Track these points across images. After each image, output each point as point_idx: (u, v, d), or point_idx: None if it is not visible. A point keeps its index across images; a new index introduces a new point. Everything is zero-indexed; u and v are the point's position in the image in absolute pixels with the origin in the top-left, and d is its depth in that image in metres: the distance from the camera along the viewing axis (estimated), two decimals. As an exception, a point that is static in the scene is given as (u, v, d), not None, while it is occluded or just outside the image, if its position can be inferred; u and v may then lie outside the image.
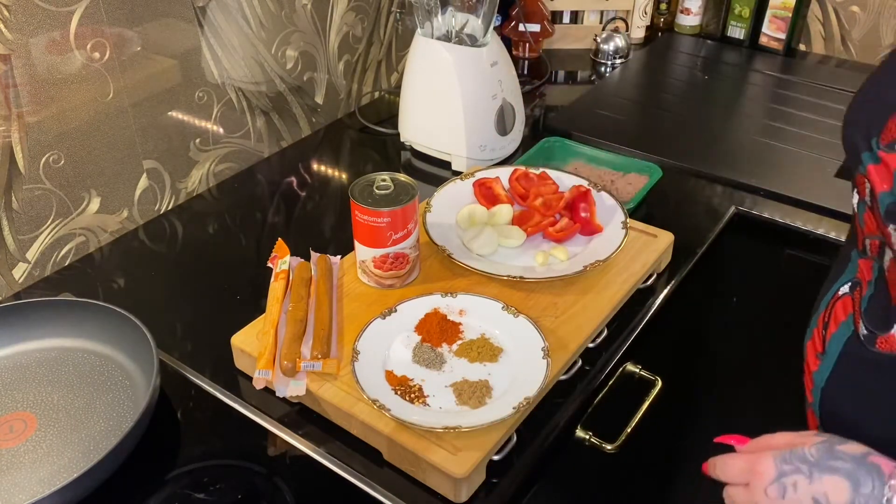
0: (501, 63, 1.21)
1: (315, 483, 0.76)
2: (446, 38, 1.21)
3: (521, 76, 1.34)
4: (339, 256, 0.99)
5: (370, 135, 1.38)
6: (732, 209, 1.16)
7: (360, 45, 1.42)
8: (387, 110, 1.45)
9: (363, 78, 1.46)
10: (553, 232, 1.01)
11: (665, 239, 1.02)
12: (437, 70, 1.19)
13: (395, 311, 0.88)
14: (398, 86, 1.48)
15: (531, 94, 1.50)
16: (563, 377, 0.85)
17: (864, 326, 0.62)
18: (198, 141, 1.19)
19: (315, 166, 1.31)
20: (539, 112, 1.44)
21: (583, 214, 1.02)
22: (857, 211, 0.64)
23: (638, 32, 1.72)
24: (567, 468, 0.89)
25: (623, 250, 0.97)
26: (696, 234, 1.10)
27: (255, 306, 0.92)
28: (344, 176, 1.28)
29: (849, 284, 0.66)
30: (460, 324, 0.87)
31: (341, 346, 0.85)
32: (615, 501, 1.14)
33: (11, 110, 0.93)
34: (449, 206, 1.06)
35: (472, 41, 1.21)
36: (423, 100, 1.24)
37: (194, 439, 0.82)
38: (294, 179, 1.26)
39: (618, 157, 1.22)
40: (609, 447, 0.88)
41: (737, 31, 1.67)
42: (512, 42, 1.64)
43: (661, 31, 1.77)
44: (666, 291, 1.00)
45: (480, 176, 1.10)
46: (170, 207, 1.18)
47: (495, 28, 1.25)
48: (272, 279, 0.93)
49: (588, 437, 0.88)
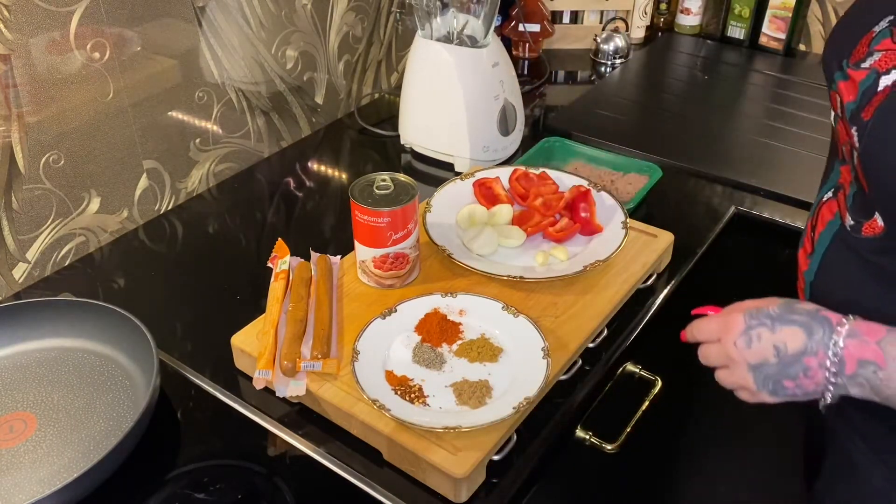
0: (502, 64, 1.21)
1: (315, 483, 0.76)
2: (447, 39, 1.21)
3: (520, 76, 1.34)
4: (339, 256, 0.99)
5: (370, 135, 1.38)
6: (732, 209, 1.16)
7: (360, 45, 1.42)
8: (387, 111, 1.45)
9: (363, 78, 1.46)
10: (553, 232, 1.01)
11: (665, 239, 1.01)
12: (438, 72, 1.19)
13: (395, 311, 0.88)
14: (398, 86, 1.48)
15: (531, 94, 1.50)
16: (563, 377, 0.85)
17: (850, 218, 0.69)
18: (198, 141, 1.19)
19: (315, 166, 1.31)
20: (539, 112, 1.44)
21: (583, 214, 1.02)
22: (833, 125, 0.72)
23: (638, 32, 1.72)
24: (567, 468, 0.89)
25: (623, 250, 0.97)
26: (696, 234, 1.10)
27: (255, 306, 0.92)
28: (344, 176, 1.28)
29: (832, 190, 0.74)
30: (460, 324, 0.87)
31: (341, 346, 0.85)
32: (615, 501, 1.14)
33: (11, 110, 0.93)
34: (449, 206, 1.06)
35: (473, 42, 1.21)
36: (425, 101, 1.24)
37: (194, 439, 0.82)
38: (294, 179, 1.26)
39: (618, 157, 1.22)
40: (609, 447, 0.88)
41: (737, 31, 1.67)
42: (512, 42, 1.64)
43: (661, 31, 1.77)
44: (666, 291, 1.00)
45: (480, 176, 1.10)
46: (170, 207, 1.18)
47: (495, 28, 1.25)
48: (272, 279, 0.93)
49: (588, 437, 0.88)
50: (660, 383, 0.96)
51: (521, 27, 1.60)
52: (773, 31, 1.62)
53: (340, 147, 1.37)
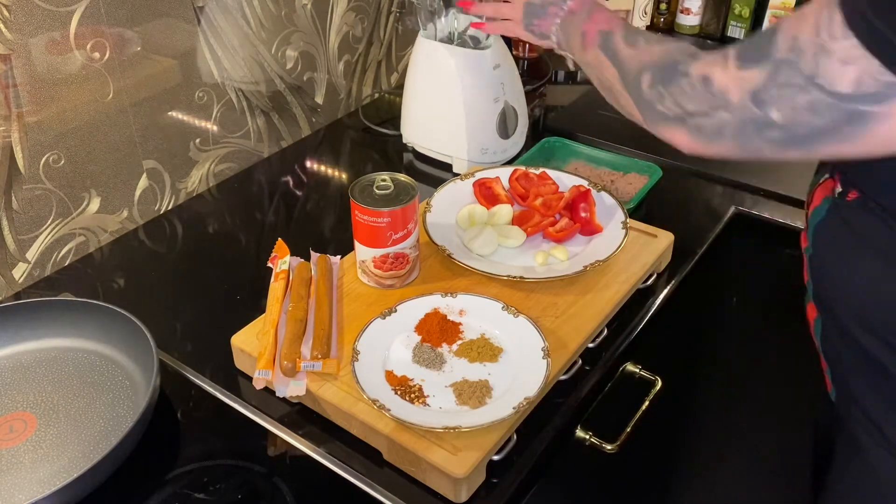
0: (504, 65, 1.21)
1: (315, 483, 0.76)
2: (449, 40, 1.21)
3: (521, 76, 1.34)
4: (339, 256, 0.99)
5: (370, 135, 1.38)
6: (732, 209, 1.16)
7: (360, 45, 1.42)
8: (387, 111, 1.45)
9: (363, 78, 1.46)
10: (553, 232, 1.01)
11: (665, 239, 1.01)
12: (440, 72, 1.19)
13: (395, 311, 0.88)
14: (398, 86, 1.48)
15: (531, 94, 1.50)
16: (563, 377, 0.85)
17: (839, 185, 0.72)
18: (198, 141, 1.19)
19: (315, 166, 1.31)
20: (539, 112, 1.44)
21: (583, 214, 1.02)
22: None
23: (638, 32, 1.72)
24: (567, 468, 0.89)
25: (623, 250, 0.97)
26: (696, 234, 1.10)
27: (255, 306, 0.92)
28: (344, 176, 1.28)
29: (826, 175, 0.76)
30: (460, 324, 0.87)
31: (341, 346, 0.85)
32: (615, 501, 1.14)
33: (11, 110, 0.93)
34: (449, 206, 1.06)
35: (475, 43, 1.21)
36: (425, 102, 1.24)
37: (194, 439, 0.82)
38: (294, 179, 1.26)
39: (618, 157, 1.22)
40: (609, 447, 0.88)
41: (737, 31, 1.67)
42: (512, 42, 1.64)
43: (661, 30, 1.77)
44: (666, 291, 1.00)
45: (480, 176, 1.10)
46: (170, 207, 1.18)
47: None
48: (272, 279, 0.93)
49: (588, 437, 0.88)
50: (660, 383, 0.96)
51: (521, 27, 1.60)
52: (773, 31, 1.62)
53: (340, 147, 1.37)
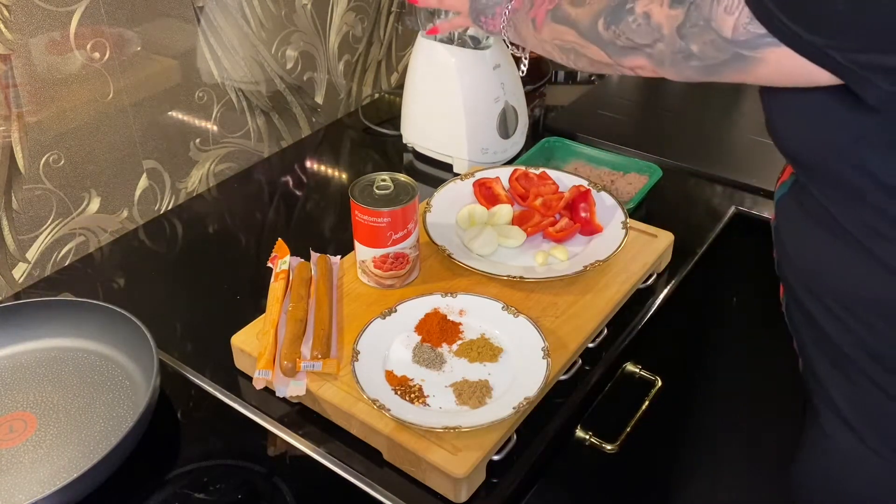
0: (504, 66, 1.21)
1: (315, 483, 0.76)
2: (449, 40, 1.21)
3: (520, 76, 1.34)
4: (339, 256, 0.99)
5: (370, 135, 1.38)
6: (732, 209, 1.16)
7: (360, 45, 1.42)
8: (387, 111, 1.45)
9: (363, 78, 1.46)
10: (553, 232, 1.01)
11: (665, 239, 1.01)
12: (440, 72, 1.19)
13: (395, 311, 0.88)
14: (398, 86, 1.48)
15: (531, 94, 1.50)
16: (563, 377, 0.85)
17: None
18: (198, 141, 1.19)
19: (315, 166, 1.31)
20: (539, 112, 1.44)
21: (583, 214, 1.02)
22: None
23: (638, 32, 1.72)
24: (567, 468, 0.89)
25: (623, 250, 0.97)
26: (696, 234, 1.10)
27: (255, 306, 0.92)
28: (344, 176, 1.29)
29: None
30: (460, 324, 0.87)
31: (341, 346, 0.85)
32: (615, 501, 1.14)
33: (11, 110, 0.93)
34: (449, 206, 1.06)
35: (475, 43, 1.21)
36: (426, 102, 1.24)
37: (194, 439, 0.82)
38: (294, 179, 1.26)
39: (618, 157, 1.22)
40: (609, 447, 0.88)
41: (737, 32, 1.67)
42: (512, 42, 1.64)
43: (661, 31, 1.77)
44: (666, 291, 1.00)
45: (480, 176, 1.10)
46: (170, 207, 1.18)
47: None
48: (272, 279, 0.93)
49: (588, 437, 0.88)
50: (660, 383, 0.96)
51: (521, 27, 1.60)
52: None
53: (340, 147, 1.37)
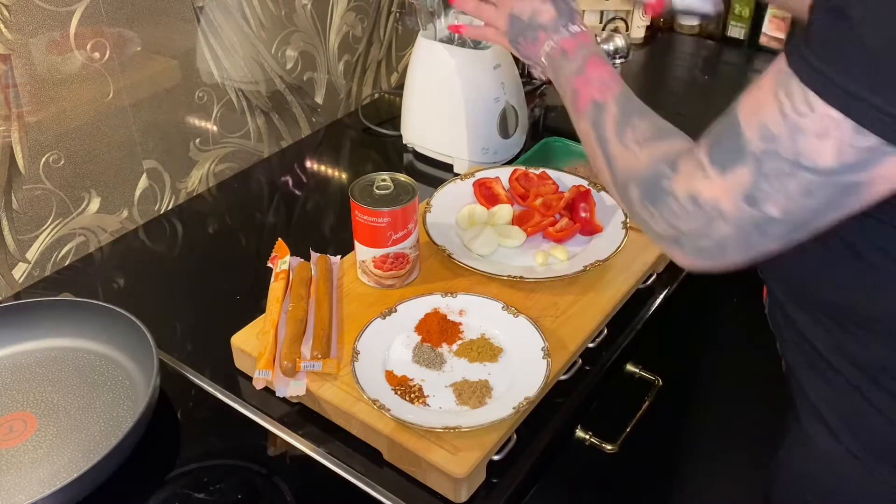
0: (505, 66, 1.21)
1: (315, 483, 0.76)
2: (449, 40, 1.21)
3: (521, 76, 1.34)
4: (339, 256, 0.99)
5: (370, 135, 1.38)
6: (732, 209, 1.15)
7: (360, 45, 1.42)
8: (387, 111, 1.45)
9: (363, 78, 1.46)
10: (553, 232, 1.01)
11: (665, 239, 1.01)
12: (439, 72, 1.19)
13: (395, 311, 0.88)
14: (398, 86, 1.48)
15: (531, 94, 1.50)
16: (563, 377, 0.85)
17: None
18: (198, 141, 1.19)
19: (315, 166, 1.31)
20: (539, 112, 1.44)
21: (583, 214, 1.02)
22: None
23: (638, 32, 1.72)
24: (567, 468, 0.89)
25: (623, 250, 0.97)
26: (696, 234, 1.10)
27: (255, 306, 0.92)
28: (344, 176, 1.28)
29: None
30: (460, 324, 0.87)
31: (341, 346, 0.85)
32: (615, 501, 1.14)
33: (11, 110, 0.93)
34: (449, 206, 1.06)
35: (475, 43, 1.21)
36: (426, 102, 1.24)
37: (194, 439, 0.82)
38: (294, 179, 1.26)
39: (618, 157, 1.22)
40: (609, 447, 0.88)
41: (737, 31, 1.67)
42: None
43: (661, 31, 1.77)
44: (666, 291, 1.00)
45: (480, 176, 1.10)
46: (170, 207, 1.18)
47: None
48: (272, 279, 0.93)
49: (588, 437, 0.88)
50: (660, 383, 0.96)
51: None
52: (773, 31, 1.62)
53: (340, 147, 1.37)
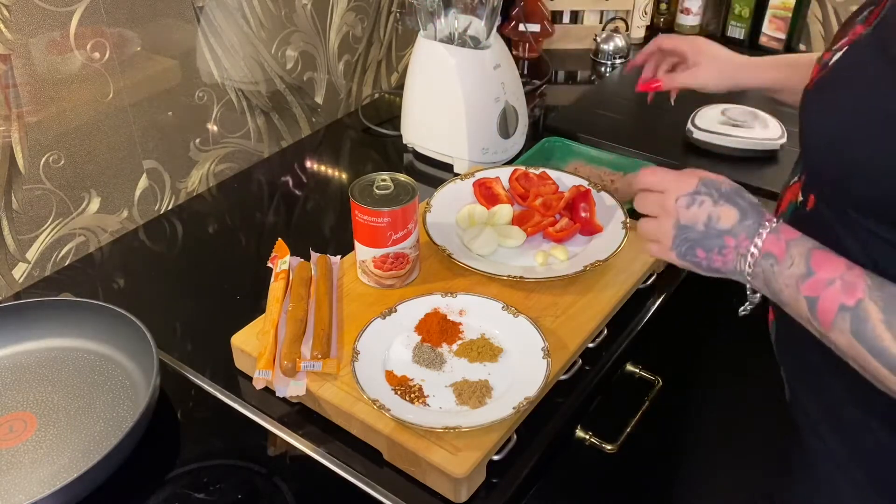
0: (504, 66, 1.21)
1: (315, 483, 0.76)
2: (449, 40, 1.21)
3: (521, 76, 1.34)
4: (339, 256, 0.99)
5: (370, 135, 1.38)
6: (732, 209, 1.15)
7: (360, 45, 1.42)
8: (387, 111, 1.45)
9: (363, 78, 1.46)
10: (553, 232, 1.01)
11: (665, 239, 1.01)
12: (440, 72, 1.19)
13: (395, 311, 0.88)
14: (398, 86, 1.48)
15: (531, 94, 1.50)
16: (563, 377, 0.85)
17: (800, 193, 0.73)
18: (198, 141, 1.19)
19: (315, 166, 1.31)
20: (539, 112, 1.44)
21: (583, 214, 1.02)
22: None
23: (638, 32, 1.72)
24: (567, 468, 0.89)
25: (623, 250, 0.97)
26: (696, 234, 1.10)
27: (255, 306, 0.92)
28: (344, 176, 1.29)
29: (797, 175, 0.75)
30: (460, 324, 0.87)
31: (341, 346, 0.85)
32: (615, 501, 1.14)
33: (11, 110, 0.93)
34: (449, 206, 1.06)
35: (475, 43, 1.21)
36: (426, 102, 1.24)
37: (194, 439, 0.82)
38: (294, 179, 1.26)
39: (618, 157, 1.22)
40: (609, 447, 0.88)
41: (737, 31, 1.67)
42: (512, 42, 1.64)
43: (661, 30, 1.77)
44: (666, 292, 1.00)
45: (480, 176, 1.10)
46: (170, 207, 1.18)
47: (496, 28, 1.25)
48: (272, 279, 0.93)
49: (588, 437, 0.88)
50: (660, 383, 0.96)
51: (521, 27, 1.60)
52: (773, 31, 1.62)
53: (340, 147, 1.37)
